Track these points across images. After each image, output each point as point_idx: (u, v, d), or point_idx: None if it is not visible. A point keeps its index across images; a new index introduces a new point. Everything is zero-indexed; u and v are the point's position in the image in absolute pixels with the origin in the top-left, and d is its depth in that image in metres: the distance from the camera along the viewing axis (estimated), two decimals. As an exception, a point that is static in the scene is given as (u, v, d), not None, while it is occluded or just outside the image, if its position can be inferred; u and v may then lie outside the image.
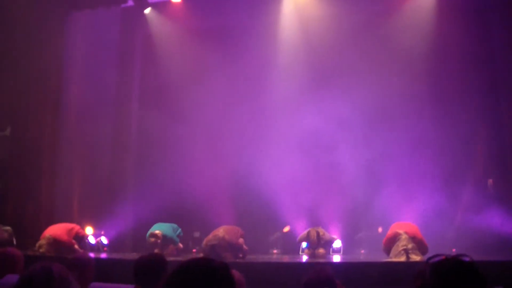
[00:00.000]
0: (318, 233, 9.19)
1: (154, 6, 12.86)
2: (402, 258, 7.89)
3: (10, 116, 10.92)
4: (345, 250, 10.25)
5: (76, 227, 9.72)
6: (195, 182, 10.96)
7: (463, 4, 10.94)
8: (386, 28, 10.94)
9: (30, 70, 10.91)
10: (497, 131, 10.37)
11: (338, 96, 10.39)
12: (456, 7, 10.83)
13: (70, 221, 10.19)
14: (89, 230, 11.16)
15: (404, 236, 8.08)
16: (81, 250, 9.24)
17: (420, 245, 8.09)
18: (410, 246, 7.99)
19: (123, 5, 12.71)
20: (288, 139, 11.09)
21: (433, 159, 10.13)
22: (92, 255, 7.61)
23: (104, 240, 11.23)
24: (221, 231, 8.74)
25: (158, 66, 12.54)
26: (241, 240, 8.86)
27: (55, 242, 9.14)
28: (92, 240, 10.87)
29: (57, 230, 9.38)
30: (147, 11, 12.84)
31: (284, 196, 10.64)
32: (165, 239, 9.37)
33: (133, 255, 8.68)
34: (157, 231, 9.32)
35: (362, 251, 10.52)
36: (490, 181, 10.18)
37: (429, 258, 2.26)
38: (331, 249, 9.87)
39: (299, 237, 9.71)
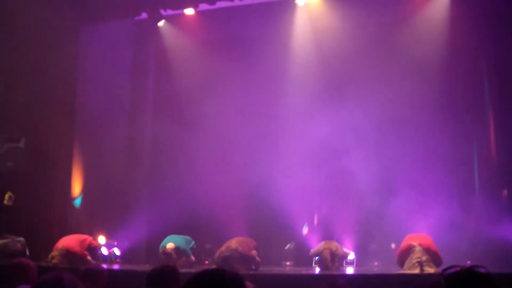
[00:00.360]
0: (331, 251, 9.11)
1: (167, 18, 12.91)
2: (416, 270, 7.79)
3: (24, 128, 10.99)
4: (358, 262, 10.16)
5: (88, 238, 9.75)
6: (208, 193, 10.94)
7: (476, 14, 10.88)
8: (398, 38, 10.89)
9: (44, 82, 11.00)
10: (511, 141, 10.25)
11: (350, 106, 10.34)
12: (468, 17, 10.77)
13: (83, 232, 10.22)
14: (102, 241, 11.19)
15: (418, 248, 7.99)
16: (93, 262, 9.26)
17: (434, 257, 7.99)
18: (424, 258, 7.89)
19: (136, 18, 12.84)
20: (300, 149, 11.02)
21: (446, 169, 10.04)
22: (104, 266, 7.63)
23: (117, 251, 11.24)
24: (234, 243, 8.72)
25: (171, 77, 12.57)
26: (254, 252, 8.83)
27: (67, 253, 9.17)
28: (105, 251, 10.88)
29: (69, 241, 9.41)
30: (161, 23, 12.90)
31: (297, 207, 10.59)
32: (178, 252, 9.34)
33: (146, 267, 8.67)
34: (169, 245, 9.29)
35: (376, 263, 10.41)
36: (504, 192, 10.07)
37: (444, 270, 2.24)
38: (344, 261, 9.79)
39: (311, 252, 9.64)
